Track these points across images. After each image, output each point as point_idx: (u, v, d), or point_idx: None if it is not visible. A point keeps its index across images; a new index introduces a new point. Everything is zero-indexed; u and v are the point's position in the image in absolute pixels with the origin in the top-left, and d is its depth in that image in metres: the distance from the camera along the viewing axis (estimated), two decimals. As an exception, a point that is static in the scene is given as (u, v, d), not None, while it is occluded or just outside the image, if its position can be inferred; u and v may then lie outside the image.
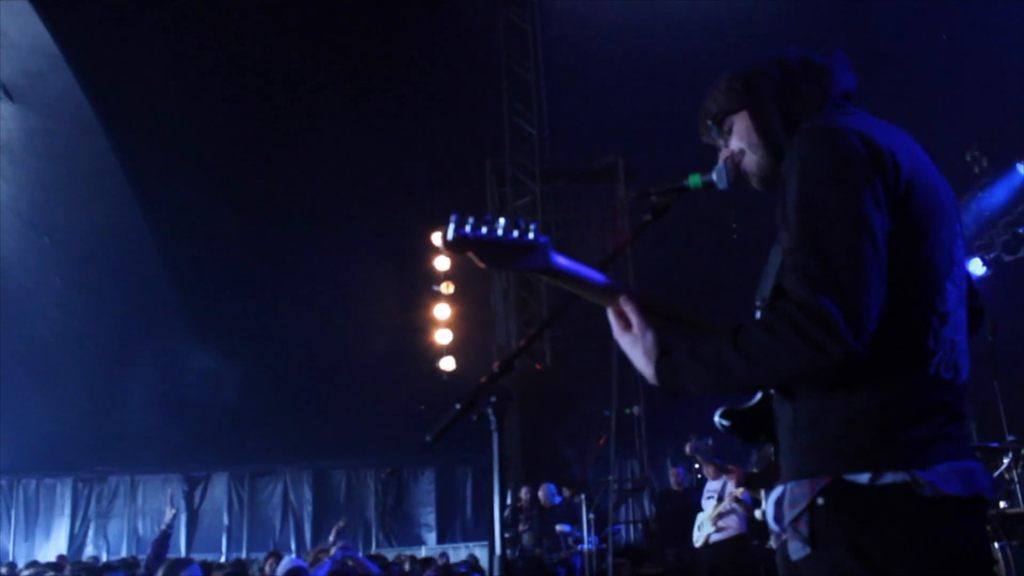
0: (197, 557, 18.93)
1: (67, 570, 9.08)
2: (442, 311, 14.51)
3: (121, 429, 17.66)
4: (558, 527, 10.24)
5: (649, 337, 1.84)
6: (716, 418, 2.04)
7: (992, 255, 11.03)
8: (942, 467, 1.60)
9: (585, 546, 9.78)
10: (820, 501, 1.63)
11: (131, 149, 13.92)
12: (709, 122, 1.99)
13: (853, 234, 1.54)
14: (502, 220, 1.75)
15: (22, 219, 14.48)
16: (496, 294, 14.60)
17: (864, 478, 1.60)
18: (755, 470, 6.98)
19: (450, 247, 1.76)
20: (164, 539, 7.05)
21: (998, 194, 11.24)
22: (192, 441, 18.17)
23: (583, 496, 11.30)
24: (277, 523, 19.99)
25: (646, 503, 16.31)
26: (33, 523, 20.11)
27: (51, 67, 12.63)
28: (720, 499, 8.42)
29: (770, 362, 1.58)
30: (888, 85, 10.77)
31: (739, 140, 1.95)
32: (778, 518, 1.74)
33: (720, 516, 8.32)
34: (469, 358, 14.63)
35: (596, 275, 1.96)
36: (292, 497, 20.16)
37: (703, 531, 8.48)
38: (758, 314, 1.80)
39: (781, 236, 1.71)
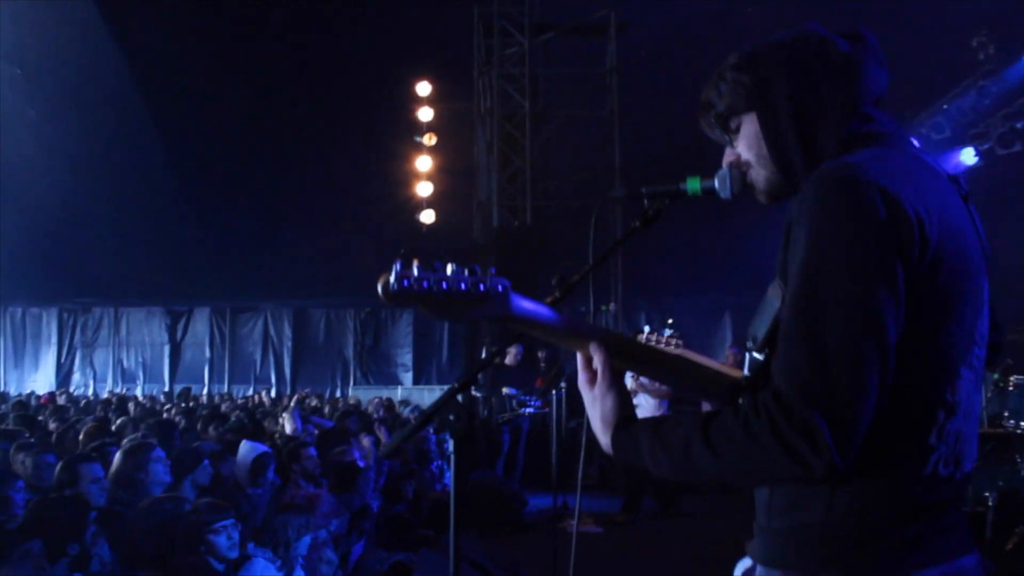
0: (180, 388, 19.66)
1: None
2: (423, 163, 14.43)
3: (103, 261, 17.81)
4: (504, 389, 10.55)
5: (609, 401, 1.63)
6: None
7: (986, 146, 10.69)
8: (931, 572, 1.44)
9: (529, 409, 10.17)
10: None
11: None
12: (712, 119, 1.72)
13: (859, 340, 1.33)
14: (451, 267, 1.51)
15: (-8, 50, 14.04)
16: (479, 148, 14.48)
17: None
18: None
19: (392, 300, 1.48)
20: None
21: (1001, 84, 10.74)
22: (174, 276, 18.38)
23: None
24: (258, 358, 20.50)
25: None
26: (21, 351, 20.63)
27: None
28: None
29: (742, 465, 1.40)
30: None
31: (747, 148, 1.69)
32: None
33: (636, 393, 8.60)
34: (449, 211, 14.69)
35: (564, 319, 1.69)
36: (272, 333, 20.58)
37: None
38: (747, 357, 1.62)
39: (784, 279, 1.51)
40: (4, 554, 2.74)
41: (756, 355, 1.58)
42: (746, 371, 1.64)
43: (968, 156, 10.73)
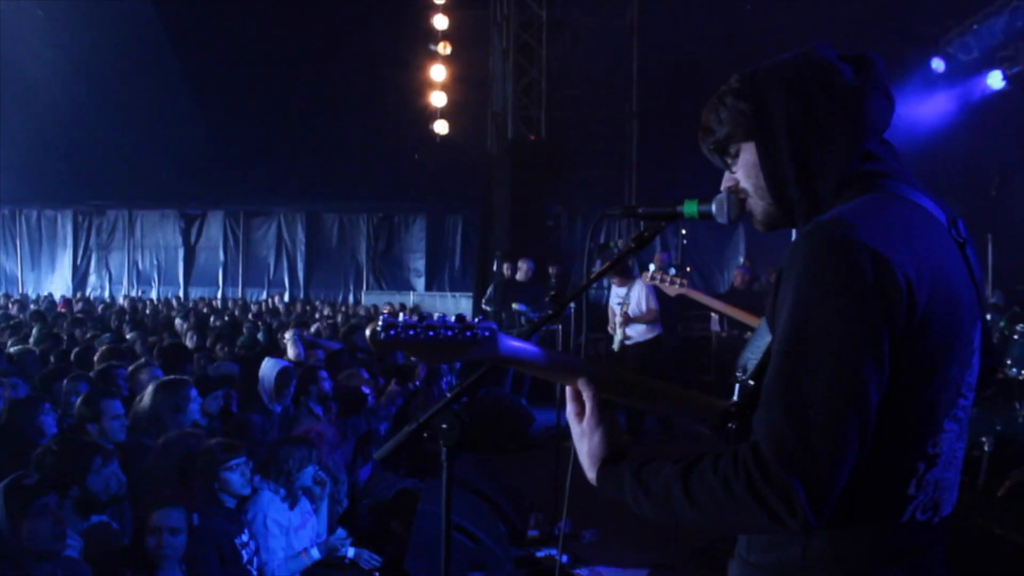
0: (195, 293, 19.88)
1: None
2: (438, 72, 14.20)
3: (117, 164, 17.79)
4: (514, 305, 10.60)
5: (596, 438, 1.65)
6: None
7: (1015, 70, 10.24)
8: None
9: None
10: None
11: None
12: (711, 145, 1.70)
13: (842, 410, 1.35)
14: (436, 316, 1.59)
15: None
16: (495, 57, 14.19)
17: None
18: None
19: (381, 348, 1.55)
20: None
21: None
22: (187, 179, 18.36)
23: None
24: (272, 262, 20.64)
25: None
26: (38, 253, 20.81)
27: None
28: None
29: (719, 517, 1.44)
30: None
31: (745, 177, 1.66)
32: None
33: (627, 323, 8.74)
34: (463, 122, 14.52)
35: (552, 356, 1.73)
36: (286, 237, 20.65)
37: (617, 336, 8.94)
38: (737, 386, 1.65)
39: (772, 325, 1.52)
40: (24, 511, 2.86)
41: (749, 382, 1.60)
42: (735, 396, 1.66)
43: (995, 80, 10.39)
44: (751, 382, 1.59)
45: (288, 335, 7.75)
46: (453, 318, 1.58)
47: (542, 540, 5.57)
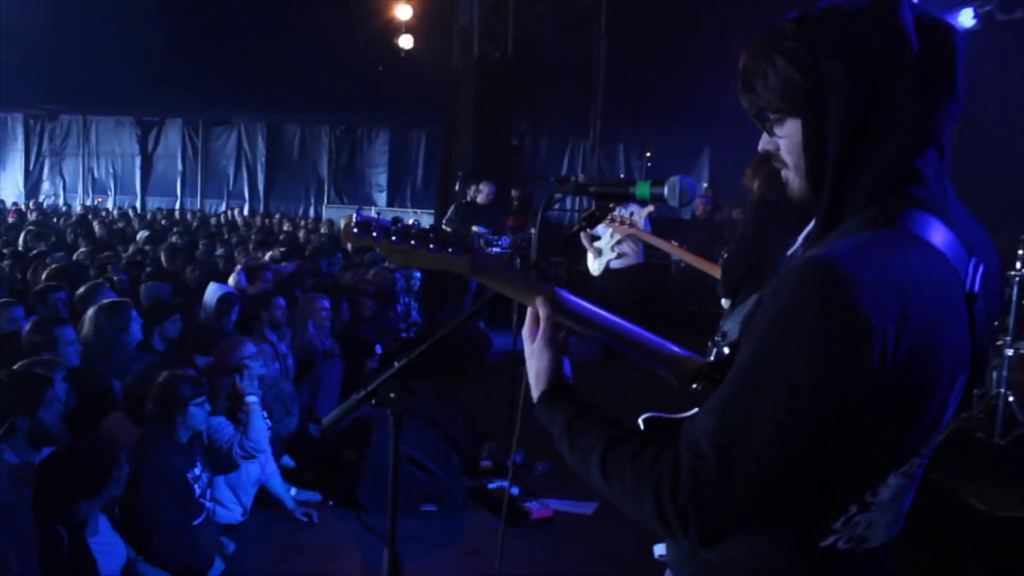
0: (152, 203, 19.53)
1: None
2: (404, -16, 13.85)
3: (71, 68, 17.17)
4: (474, 227, 10.60)
5: (545, 360, 1.63)
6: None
7: (986, 8, 10.04)
8: None
9: (496, 249, 10.22)
10: None
11: None
12: (751, 104, 1.52)
13: (770, 468, 1.33)
14: (410, 222, 1.60)
15: None
16: (462, -29, 13.82)
17: None
18: None
19: (354, 243, 1.60)
20: None
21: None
22: (144, 85, 17.81)
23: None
24: (231, 172, 20.23)
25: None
26: (-13, 155, 20.21)
27: None
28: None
29: (621, 499, 1.46)
30: None
31: (788, 151, 1.51)
32: None
33: (619, 242, 8.70)
34: (428, 37, 14.23)
35: (516, 272, 1.71)
36: (246, 147, 20.21)
37: (604, 257, 8.86)
38: (715, 350, 1.60)
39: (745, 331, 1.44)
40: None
41: (724, 349, 1.55)
42: (712, 357, 1.64)
43: (966, 18, 10.21)
44: (726, 350, 1.54)
45: (233, 277, 7.71)
46: (418, 229, 1.59)
47: (495, 471, 5.69)
